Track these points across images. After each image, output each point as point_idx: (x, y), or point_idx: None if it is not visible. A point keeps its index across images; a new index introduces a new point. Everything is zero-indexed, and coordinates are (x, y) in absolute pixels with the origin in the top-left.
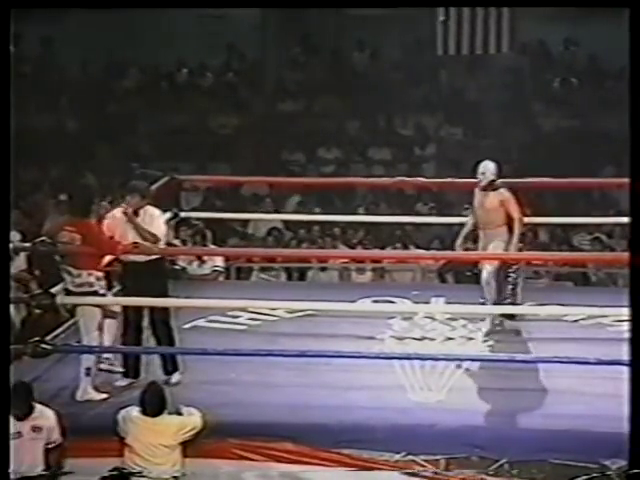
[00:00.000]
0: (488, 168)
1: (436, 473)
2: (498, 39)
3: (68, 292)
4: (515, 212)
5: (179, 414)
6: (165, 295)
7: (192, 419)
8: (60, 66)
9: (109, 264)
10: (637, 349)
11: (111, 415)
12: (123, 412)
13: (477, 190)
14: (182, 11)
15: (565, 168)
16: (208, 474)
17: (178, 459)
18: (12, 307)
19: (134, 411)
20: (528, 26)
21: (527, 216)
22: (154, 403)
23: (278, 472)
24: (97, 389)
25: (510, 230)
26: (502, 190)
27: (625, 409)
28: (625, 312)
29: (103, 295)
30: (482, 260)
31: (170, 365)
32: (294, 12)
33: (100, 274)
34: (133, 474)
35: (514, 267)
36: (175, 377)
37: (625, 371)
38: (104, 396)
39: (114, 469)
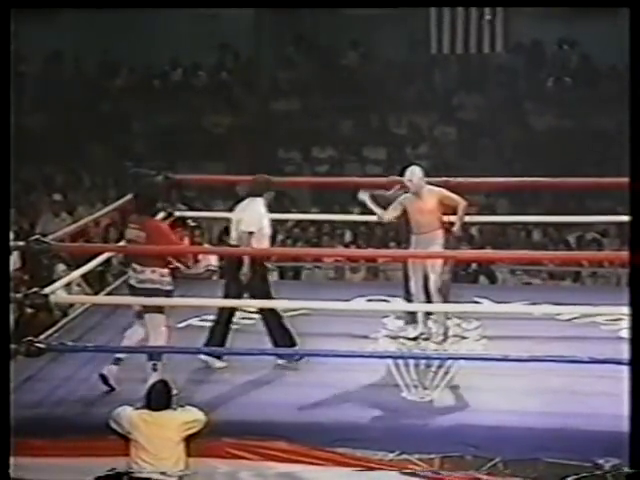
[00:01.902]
0: (415, 173)
1: (436, 473)
2: (492, 38)
3: (131, 288)
4: (458, 198)
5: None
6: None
7: (193, 412)
8: (55, 65)
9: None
10: (637, 348)
11: (108, 414)
12: (120, 411)
13: (408, 196)
14: (175, 10)
15: (559, 167)
16: (204, 473)
17: (182, 456)
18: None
19: (129, 409)
20: (522, 25)
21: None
22: (161, 398)
23: (274, 472)
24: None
25: (446, 232)
26: (435, 189)
27: (619, 408)
28: (619, 311)
29: (167, 292)
30: (467, 261)
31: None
32: (288, 11)
33: (165, 271)
34: (129, 474)
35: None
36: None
37: (618, 370)
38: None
39: (111, 470)
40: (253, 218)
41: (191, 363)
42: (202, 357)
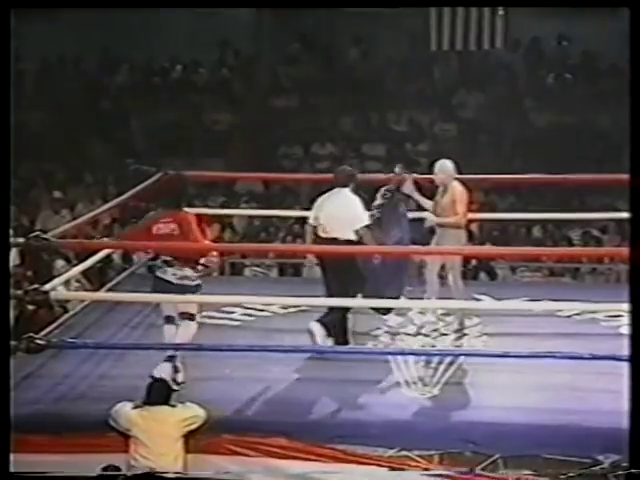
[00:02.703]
0: (441, 168)
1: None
2: (492, 35)
3: (166, 283)
4: (460, 211)
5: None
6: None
7: (193, 409)
8: (55, 63)
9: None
10: (637, 345)
11: (108, 411)
12: (118, 408)
13: (440, 189)
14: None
15: (559, 164)
16: (209, 471)
17: (181, 452)
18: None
19: (128, 406)
20: (522, 22)
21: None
22: (159, 394)
23: (289, 472)
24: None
25: (469, 233)
26: (456, 190)
27: (618, 404)
28: (619, 307)
29: (197, 288)
30: (467, 257)
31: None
32: (288, 9)
33: (199, 267)
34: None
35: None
36: None
37: (618, 366)
38: None
39: (107, 467)
40: (357, 210)
41: (191, 359)
42: None
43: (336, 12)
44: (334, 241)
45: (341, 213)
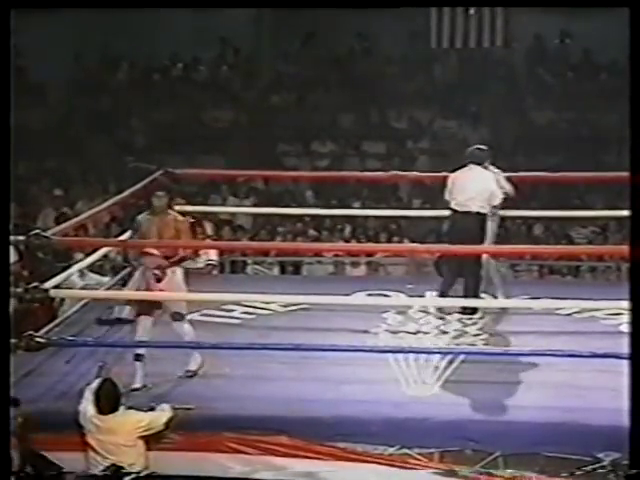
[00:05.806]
0: None
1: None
2: (492, 32)
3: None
4: None
5: (152, 410)
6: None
7: (150, 416)
8: (56, 60)
9: None
10: (637, 342)
11: None
12: (82, 406)
13: None
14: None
15: (559, 161)
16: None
17: (140, 454)
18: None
19: (90, 408)
20: (522, 20)
21: None
22: (108, 399)
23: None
24: None
25: None
26: None
27: (619, 402)
28: (619, 305)
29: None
30: (468, 254)
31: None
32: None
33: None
34: (128, 472)
35: None
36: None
37: (618, 364)
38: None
39: (110, 466)
40: (492, 185)
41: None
42: None
43: (336, 9)
44: (468, 214)
45: (476, 187)
